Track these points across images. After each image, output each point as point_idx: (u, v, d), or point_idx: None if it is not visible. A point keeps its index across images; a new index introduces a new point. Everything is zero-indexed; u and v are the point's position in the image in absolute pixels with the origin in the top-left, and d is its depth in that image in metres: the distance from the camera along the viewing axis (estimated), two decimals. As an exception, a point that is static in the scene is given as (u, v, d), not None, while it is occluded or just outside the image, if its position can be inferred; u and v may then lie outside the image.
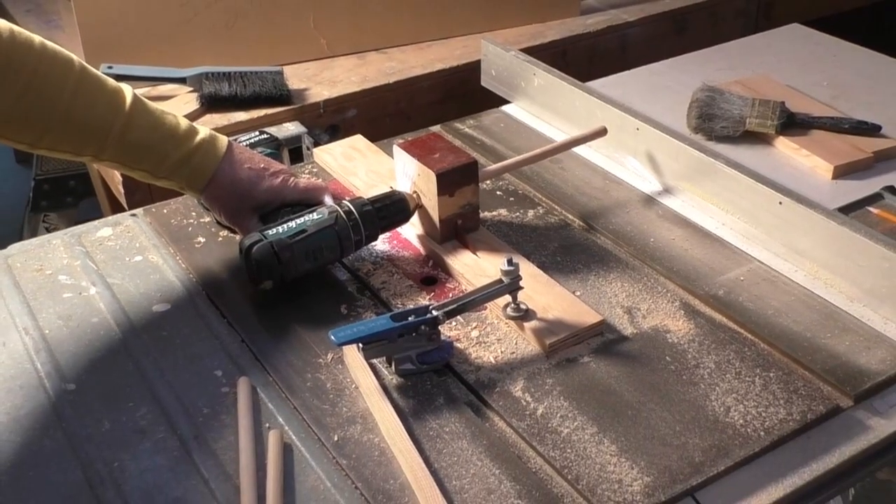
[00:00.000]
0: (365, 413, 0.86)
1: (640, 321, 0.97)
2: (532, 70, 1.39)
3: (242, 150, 1.09)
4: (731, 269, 1.05)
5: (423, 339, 0.89)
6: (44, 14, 1.94)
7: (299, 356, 0.94)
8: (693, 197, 1.18)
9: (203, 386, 0.90)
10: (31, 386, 0.91)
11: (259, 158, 1.10)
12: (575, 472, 0.80)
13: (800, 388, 0.88)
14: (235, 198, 1.07)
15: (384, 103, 1.60)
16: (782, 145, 1.29)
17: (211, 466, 0.81)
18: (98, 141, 0.99)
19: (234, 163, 1.06)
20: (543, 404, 0.87)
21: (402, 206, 1.06)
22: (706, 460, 0.81)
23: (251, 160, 1.08)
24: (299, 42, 1.66)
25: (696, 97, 1.32)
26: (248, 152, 1.10)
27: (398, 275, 1.05)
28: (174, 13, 1.54)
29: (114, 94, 1.00)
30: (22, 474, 0.81)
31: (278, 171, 1.09)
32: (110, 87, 1.01)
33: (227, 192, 1.06)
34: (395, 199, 1.06)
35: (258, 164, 1.08)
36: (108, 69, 1.50)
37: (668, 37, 1.87)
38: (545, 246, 1.10)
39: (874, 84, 1.47)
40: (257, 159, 1.09)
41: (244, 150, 1.10)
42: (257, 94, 1.49)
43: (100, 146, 1.00)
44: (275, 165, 1.10)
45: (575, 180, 1.23)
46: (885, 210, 1.15)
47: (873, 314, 0.98)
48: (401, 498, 0.78)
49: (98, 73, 1.01)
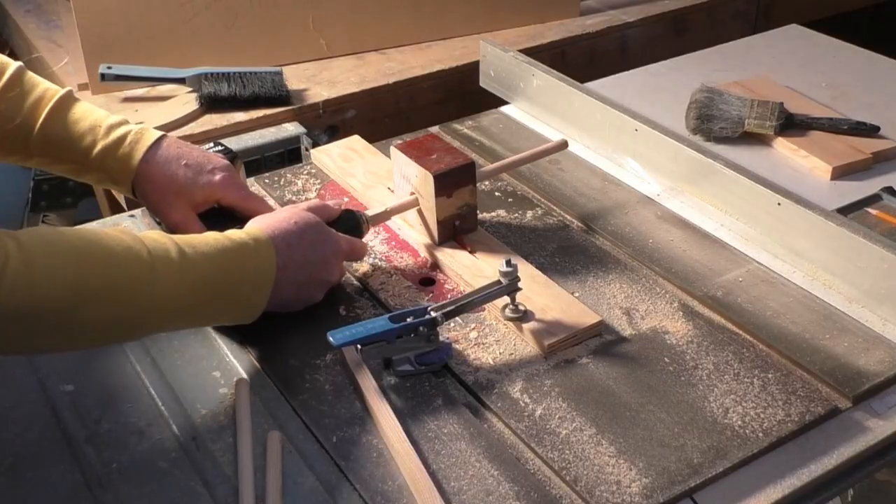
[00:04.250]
0: (363, 414, 0.86)
1: (638, 322, 0.97)
2: (531, 71, 1.39)
3: (179, 146, 1.05)
4: (730, 271, 1.05)
5: (422, 340, 0.89)
6: (43, 14, 1.94)
7: (298, 357, 0.93)
8: (692, 198, 1.18)
9: (201, 387, 0.90)
10: (29, 387, 0.91)
11: (198, 154, 1.05)
12: (573, 473, 0.80)
13: (798, 389, 0.88)
14: (170, 193, 1.03)
15: (383, 104, 1.60)
16: (781, 146, 1.29)
17: (209, 468, 0.81)
18: (22, 141, 1.00)
19: (167, 158, 1.03)
20: (542, 405, 0.87)
21: (352, 226, 1.03)
22: (705, 461, 0.81)
23: (188, 155, 1.04)
24: (299, 42, 1.66)
25: (694, 98, 1.32)
26: (186, 147, 1.05)
27: (396, 276, 1.05)
28: (174, 13, 1.54)
29: (41, 94, 1.01)
30: (20, 475, 0.81)
31: (217, 169, 1.05)
32: (40, 88, 1.02)
33: (159, 188, 1.03)
34: (345, 219, 1.03)
35: (196, 158, 1.04)
36: (107, 69, 1.51)
37: (668, 38, 1.87)
38: (544, 247, 1.10)
39: (873, 85, 1.47)
40: (195, 154, 1.05)
41: (182, 145, 1.05)
42: (256, 95, 1.49)
43: (24, 145, 1.01)
44: (214, 162, 1.06)
45: (574, 181, 1.23)
46: (883, 211, 1.15)
47: (872, 315, 0.98)
48: (399, 499, 0.78)
49: (34, 78, 1.03)
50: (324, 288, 0.98)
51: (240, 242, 0.90)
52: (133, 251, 0.82)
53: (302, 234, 0.95)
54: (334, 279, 0.99)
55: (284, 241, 0.93)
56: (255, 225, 0.95)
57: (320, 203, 1.03)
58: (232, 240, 0.90)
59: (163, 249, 0.84)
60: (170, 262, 0.83)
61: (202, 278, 0.86)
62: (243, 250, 0.89)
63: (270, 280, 0.91)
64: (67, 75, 1.65)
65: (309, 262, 0.95)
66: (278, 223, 0.94)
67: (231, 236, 0.90)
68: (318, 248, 0.96)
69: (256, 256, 0.90)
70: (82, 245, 0.80)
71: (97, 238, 0.81)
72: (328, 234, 0.98)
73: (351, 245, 1.01)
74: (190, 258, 0.85)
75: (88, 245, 0.80)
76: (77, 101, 1.05)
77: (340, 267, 1.01)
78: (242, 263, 0.89)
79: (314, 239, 0.96)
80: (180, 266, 0.84)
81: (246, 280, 0.90)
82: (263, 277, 0.91)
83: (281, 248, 0.92)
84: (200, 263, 0.86)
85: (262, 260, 0.91)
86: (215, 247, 0.88)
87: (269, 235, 0.92)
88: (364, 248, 1.04)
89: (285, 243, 0.93)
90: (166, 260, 0.83)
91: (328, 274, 0.98)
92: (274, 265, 0.91)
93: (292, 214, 0.97)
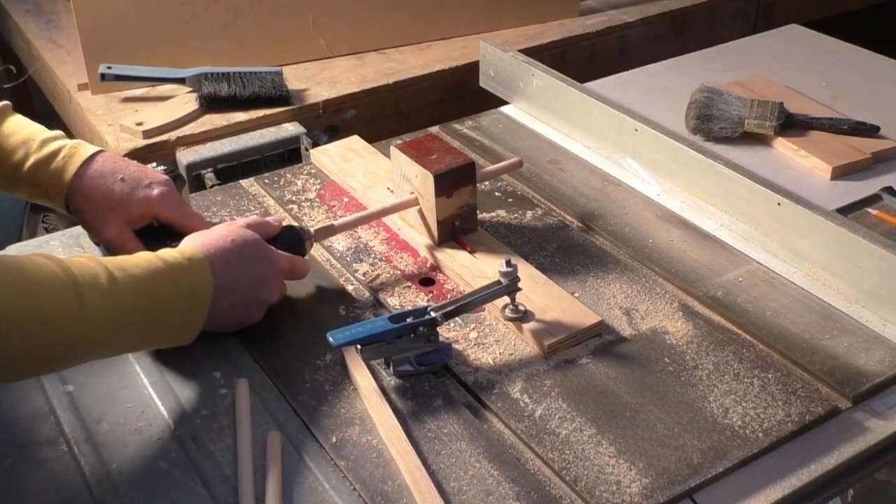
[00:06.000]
0: (363, 414, 0.86)
1: (638, 322, 0.97)
2: (531, 71, 1.39)
3: (116, 161, 1.01)
4: (730, 271, 1.05)
5: (422, 340, 0.89)
6: (43, 14, 1.94)
7: (298, 357, 0.93)
8: (691, 198, 1.18)
9: (201, 387, 0.90)
10: (29, 387, 0.91)
11: (136, 168, 1.02)
12: (573, 473, 0.80)
13: (798, 389, 0.88)
14: (104, 209, 0.99)
15: (383, 104, 1.60)
16: (781, 146, 1.29)
17: (209, 468, 0.81)
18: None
19: (102, 172, 0.99)
20: (542, 405, 0.87)
21: (293, 242, 1.01)
22: (705, 462, 0.81)
23: (125, 170, 1.00)
24: (298, 42, 1.66)
25: (694, 98, 1.32)
26: (123, 163, 1.01)
27: (396, 276, 1.05)
28: (174, 13, 1.54)
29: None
30: (20, 476, 0.81)
31: (155, 183, 1.01)
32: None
33: (93, 203, 0.99)
34: (285, 235, 1.01)
35: (132, 173, 1.00)
36: (107, 69, 1.51)
37: (668, 38, 1.87)
38: (543, 247, 1.10)
39: (873, 85, 1.47)
40: (132, 169, 1.01)
41: (119, 160, 1.02)
42: (256, 95, 1.49)
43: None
44: (152, 177, 1.02)
45: (573, 181, 1.23)
46: (883, 211, 1.15)
47: (872, 315, 0.98)
48: (399, 499, 0.78)
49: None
50: (262, 307, 0.95)
51: (174, 263, 0.87)
52: (57, 277, 0.78)
53: (239, 253, 0.92)
54: (273, 298, 0.96)
55: (221, 260, 0.90)
56: (190, 243, 0.92)
57: (259, 219, 1.00)
58: (165, 260, 0.86)
59: (90, 274, 0.80)
60: (98, 287, 0.80)
61: (133, 303, 0.82)
62: (177, 271, 0.86)
63: (207, 301, 0.89)
64: (67, 75, 1.65)
65: (246, 281, 0.92)
66: (214, 241, 0.92)
67: (164, 256, 0.87)
68: (255, 267, 0.93)
69: (191, 277, 0.87)
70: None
71: (17, 265, 0.77)
72: (267, 252, 0.95)
73: (291, 263, 0.98)
74: (120, 282, 0.82)
75: (6, 273, 0.76)
76: (12, 115, 1.02)
77: (280, 285, 0.98)
78: (176, 285, 0.86)
79: (252, 257, 0.93)
80: (109, 291, 0.81)
81: (180, 302, 0.87)
82: (199, 298, 0.88)
83: (217, 267, 0.89)
84: (131, 287, 0.82)
85: (197, 280, 0.88)
86: (147, 269, 0.84)
87: (205, 254, 0.89)
88: (305, 265, 1.00)
89: (222, 262, 0.90)
90: (94, 285, 0.80)
91: (267, 293, 0.95)
92: (210, 285, 0.89)
93: (229, 232, 0.94)
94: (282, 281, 0.98)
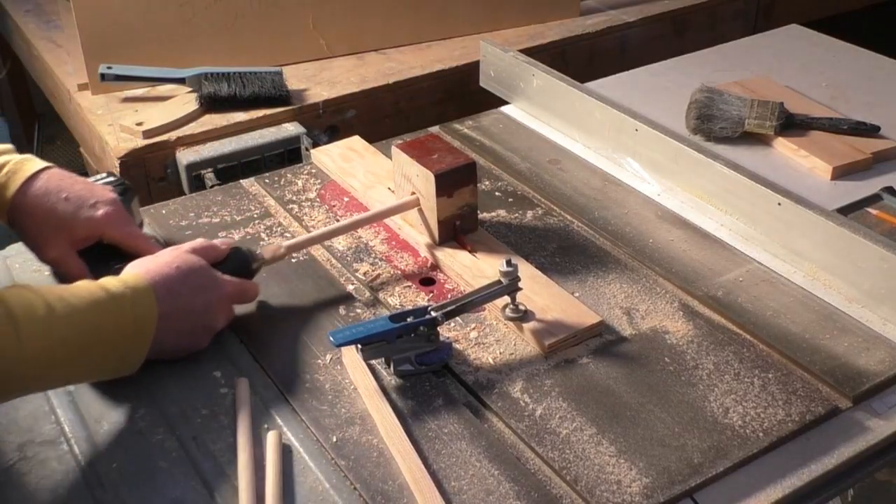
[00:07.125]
0: (363, 414, 0.86)
1: (638, 322, 0.97)
2: (531, 71, 1.39)
3: (62, 178, 0.99)
4: (730, 270, 1.05)
5: (422, 340, 0.89)
6: (43, 14, 1.94)
7: (298, 357, 0.93)
8: (692, 198, 1.18)
9: (202, 387, 0.90)
10: (29, 387, 0.91)
11: (82, 187, 0.99)
12: (574, 472, 0.80)
13: (798, 389, 0.88)
14: (47, 228, 0.97)
15: (383, 104, 1.60)
16: (781, 146, 1.29)
17: (210, 467, 0.81)
18: None
19: (46, 190, 0.97)
20: (542, 405, 0.87)
21: (240, 266, 0.99)
22: (705, 461, 0.81)
23: (70, 188, 0.98)
24: (299, 42, 1.66)
25: (694, 98, 1.32)
26: (69, 180, 0.99)
27: (397, 276, 1.05)
28: (174, 13, 1.54)
29: None
30: (20, 476, 0.81)
31: (101, 203, 0.99)
32: None
33: (36, 222, 0.97)
34: (233, 258, 0.99)
35: (77, 192, 0.98)
36: (107, 69, 1.51)
37: (668, 38, 1.87)
38: (544, 247, 1.10)
39: (873, 85, 1.47)
40: (78, 188, 0.98)
41: (66, 178, 0.99)
42: (256, 95, 1.49)
43: None
44: (98, 196, 0.99)
45: (574, 181, 1.23)
46: (883, 211, 1.15)
47: (872, 315, 0.98)
48: (399, 499, 0.78)
49: None
50: (209, 334, 0.94)
51: (116, 294, 0.84)
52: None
53: (185, 280, 0.90)
54: (219, 325, 0.94)
55: (165, 288, 0.88)
56: (133, 271, 0.89)
57: (206, 243, 0.97)
58: (107, 290, 0.84)
59: (27, 305, 0.78)
60: (35, 318, 0.78)
61: (73, 335, 0.80)
62: (120, 301, 0.84)
63: (151, 331, 0.86)
64: (67, 75, 1.65)
65: (192, 309, 0.90)
66: (159, 268, 0.89)
67: (107, 286, 0.84)
68: (201, 294, 0.91)
69: (135, 308, 0.85)
70: None
71: None
72: (213, 279, 0.93)
73: (238, 288, 0.96)
74: (59, 313, 0.79)
75: None
76: None
77: (227, 311, 0.95)
78: (120, 315, 0.84)
79: (197, 284, 0.91)
80: (47, 322, 0.78)
81: (123, 332, 0.84)
82: (143, 328, 0.86)
83: (162, 296, 0.87)
84: (70, 319, 0.80)
85: (141, 311, 0.85)
86: (88, 299, 0.82)
87: (150, 282, 0.87)
88: (254, 289, 0.98)
89: (166, 290, 0.88)
90: (31, 317, 0.77)
91: (212, 320, 0.93)
92: (155, 315, 0.86)
93: (174, 258, 0.91)
94: (229, 307, 0.95)
